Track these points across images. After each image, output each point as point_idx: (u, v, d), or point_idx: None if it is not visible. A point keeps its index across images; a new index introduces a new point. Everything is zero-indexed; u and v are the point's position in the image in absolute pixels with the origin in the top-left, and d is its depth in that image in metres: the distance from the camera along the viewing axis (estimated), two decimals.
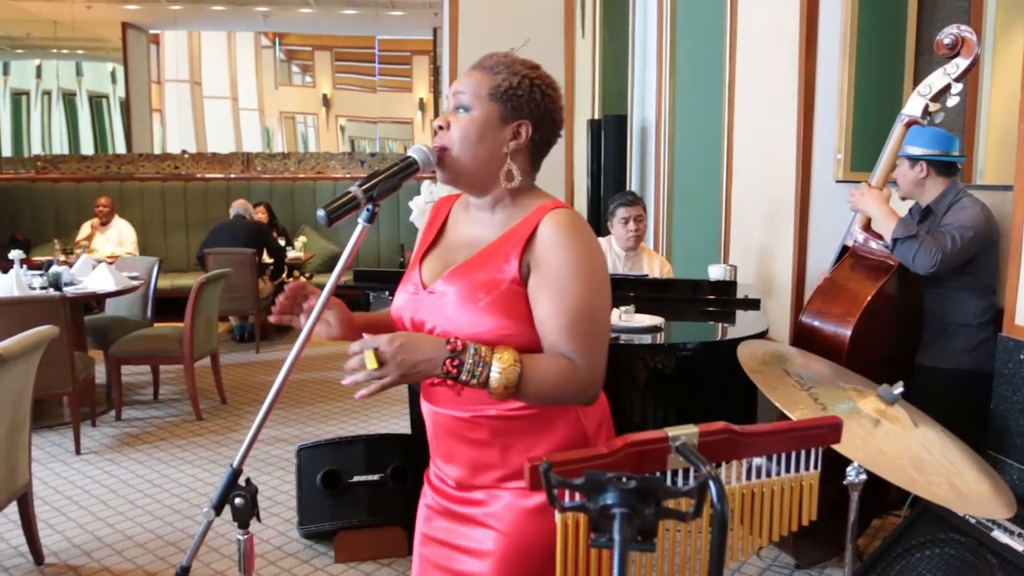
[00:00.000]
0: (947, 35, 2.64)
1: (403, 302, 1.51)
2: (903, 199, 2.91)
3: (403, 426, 4.63)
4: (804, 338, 2.79)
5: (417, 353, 1.30)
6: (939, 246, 2.65)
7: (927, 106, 2.69)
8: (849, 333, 2.64)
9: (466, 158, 1.43)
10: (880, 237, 2.77)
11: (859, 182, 2.92)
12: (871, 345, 2.67)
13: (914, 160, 2.81)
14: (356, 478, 3.16)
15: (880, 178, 2.78)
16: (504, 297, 1.39)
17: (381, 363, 1.27)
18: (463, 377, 1.30)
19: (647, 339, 2.71)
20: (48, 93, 10.55)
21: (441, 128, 1.45)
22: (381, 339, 1.29)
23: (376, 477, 3.17)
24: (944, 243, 2.66)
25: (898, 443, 1.74)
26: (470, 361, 1.31)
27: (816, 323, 2.79)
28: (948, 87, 2.66)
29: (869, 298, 2.65)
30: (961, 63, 2.62)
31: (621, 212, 3.84)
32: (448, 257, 1.50)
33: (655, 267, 3.88)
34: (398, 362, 1.28)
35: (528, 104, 1.45)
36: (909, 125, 2.73)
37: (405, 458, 3.19)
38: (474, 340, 1.36)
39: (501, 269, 1.41)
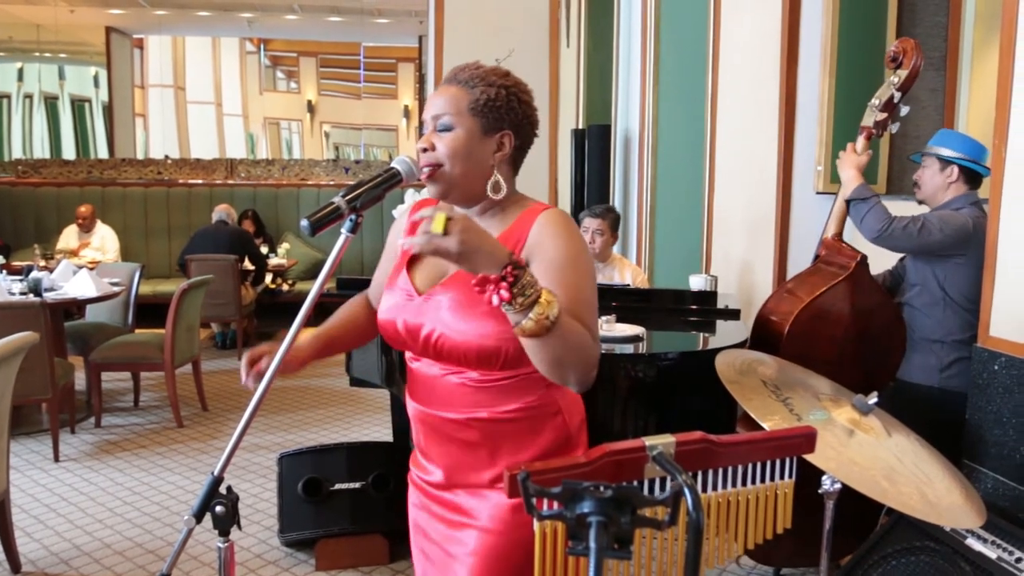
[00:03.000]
0: (891, 48, 2.75)
1: (394, 306, 1.52)
2: (920, 203, 2.89)
3: (385, 434, 4.62)
4: (758, 332, 2.87)
5: (482, 240, 1.23)
6: (891, 216, 2.65)
7: (876, 116, 2.77)
8: (787, 327, 2.69)
9: (456, 174, 1.45)
10: (847, 246, 2.81)
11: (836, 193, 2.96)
12: (815, 344, 2.69)
13: (946, 162, 2.77)
14: (337, 486, 3.16)
15: (861, 149, 2.85)
16: None
17: (446, 231, 1.21)
18: (516, 289, 1.22)
19: (628, 348, 2.73)
20: (30, 97, 10.47)
21: (426, 150, 1.46)
22: (456, 210, 1.27)
23: (357, 485, 3.17)
24: (903, 219, 2.65)
25: (871, 453, 1.77)
26: (526, 279, 1.24)
27: (767, 318, 2.85)
28: (892, 97, 2.73)
29: (810, 298, 2.70)
30: (902, 73, 2.71)
31: (584, 222, 3.85)
32: (439, 263, 1.48)
33: (627, 276, 3.88)
34: (461, 238, 1.21)
35: (508, 114, 1.47)
36: (868, 136, 2.80)
37: (387, 466, 3.19)
38: (478, 345, 1.40)
39: None
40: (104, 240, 7.55)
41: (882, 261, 2.98)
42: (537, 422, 1.46)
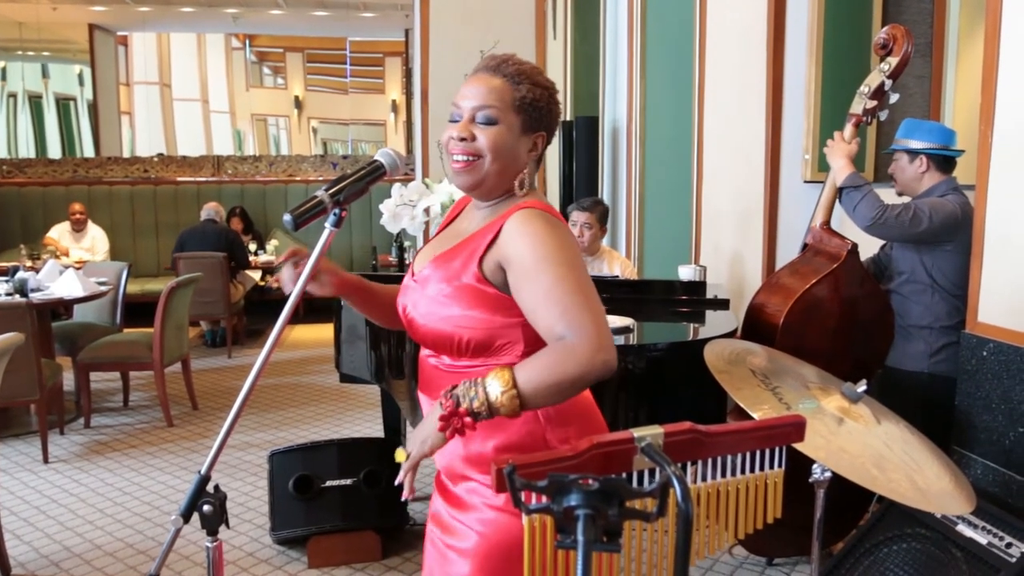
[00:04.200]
0: (880, 35, 2.73)
1: (401, 289, 1.56)
2: (899, 195, 2.91)
3: (376, 430, 4.61)
4: (749, 324, 2.86)
5: (424, 423, 1.38)
6: (884, 204, 2.65)
7: (866, 104, 2.76)
8: (781, 320, 2.69)
9: (494, 169, 1.43)
10: (836, 235, 2.81)
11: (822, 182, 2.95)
12: (809, 334, 2.69)
13: (913, 154, 2.80)
14: (329, 483, 3.15)
15: (849, 137, 2.84)
16: (464, 290, 1.42)
17: (408, 453, 1.40)
18: (463, 405, 1.30)
19: (619, 340, 2.73)
20: (13, 95, 10.37)
21: (464, 139, 1.42)
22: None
23: (349, 481, 3.15)
24: (895, 207, 2.65)
25: (860, 441, 1.77)
26: (462, 388, 1.32)
27: (759, 310, 2.84)
28: (883, 85, 2.72)
29: (803, 288, 2.69)
30: (892, 61, 2.69)
31: (572, 216, 3.84)
32: (438, 247, 1.54)
33: (615, 269, 3.88)
34: (417, 442, 1.38)
35: (546, 116, 1.48)
36: (857, 124, 2.80)
37: (378, 462, 3.18)
38: (435, 329, 1.43)
39: (465, 264, 1.43)
40: (95, 241, 7.51)
41: (868, 249, 2.98)
42: (504, 420, 1.40)
